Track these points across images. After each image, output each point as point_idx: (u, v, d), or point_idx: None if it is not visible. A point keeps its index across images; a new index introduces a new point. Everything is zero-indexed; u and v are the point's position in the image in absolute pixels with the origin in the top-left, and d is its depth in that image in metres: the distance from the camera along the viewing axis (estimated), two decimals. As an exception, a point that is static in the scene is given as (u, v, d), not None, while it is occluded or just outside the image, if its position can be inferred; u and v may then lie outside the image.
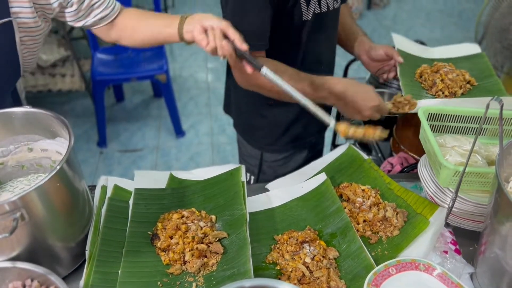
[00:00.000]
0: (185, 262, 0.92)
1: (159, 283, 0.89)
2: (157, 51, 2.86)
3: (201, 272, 0.91)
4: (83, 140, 2.89)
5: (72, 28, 3.05)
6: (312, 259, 0.93)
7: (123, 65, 2.74)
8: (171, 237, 0.96)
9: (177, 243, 0.94)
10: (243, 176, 1.09)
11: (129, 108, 3.22)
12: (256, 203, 1.10)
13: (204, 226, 0.98)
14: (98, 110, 2.73)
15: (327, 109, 1.38)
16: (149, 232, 0.99)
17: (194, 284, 0.88)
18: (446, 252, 0.96)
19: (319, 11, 1.16)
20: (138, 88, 3.38)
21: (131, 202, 1.04)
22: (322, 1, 1.15)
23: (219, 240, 0.97)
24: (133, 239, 0.96)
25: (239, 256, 0.91)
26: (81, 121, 3.03)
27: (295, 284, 0.88)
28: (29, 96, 2.87)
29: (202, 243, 0.95)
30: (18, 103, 1.20)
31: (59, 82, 2.89)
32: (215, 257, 0.93)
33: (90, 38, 2.74)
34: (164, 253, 0.94)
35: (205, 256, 0.93)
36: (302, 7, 1.12)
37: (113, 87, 3.19)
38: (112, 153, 2.82)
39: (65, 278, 0.89)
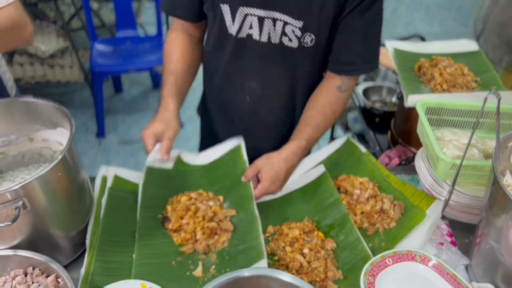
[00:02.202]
0: (196, 241, 0.95)
1: (173, 262, 0.91)
2: (156, 43, 2.85)
3: (213, 249, 0.93)
4: (81, 131, 2.89)
5: (71, 18, 3.04)
6: (310, 250, 0.95)
7: (122, 56, 2.73)
8: (181, 218, 0.98)
9: (188, 223, 0.96)
10: (244, 155, 1.11)
11: (127, 100, 3.21)
12: (255, 194, 1.11)
13: (213, 205, 1.00)
14: (97, 101, 2.72)
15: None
16: (159, 215, 1.00)
17: (207, 260, 0.90)
18: (442, 244, 0.98)
19: (245, 36, 1.07)
20: (136, 80, 3.37)
21: (140, 182, 1.06)
22: (253, 25, 1.04)
23: (229, 218, 0.99)
24: (144, 223, 0.98)
25: (250, 231, 0.93)
26: (80, 112, 3.03)
27: (293, 274, 0.89)
28: (27, 87, 2.86)
29: (212, 221, 0.97)
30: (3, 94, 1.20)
31: (58, 73, 2.87)
32: (226, 234, 0.95)
33: (89, 29, 2.73)
34: (176, 233, 0.96)
35: (216, 234, 0.95)
36: (226, 19, 1.06)
37: (112, 79, 3.19)
38: (110, 145, 2.82)
39: (65, 267, 0.90)
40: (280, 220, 1.04)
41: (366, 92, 1.79)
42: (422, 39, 1.92)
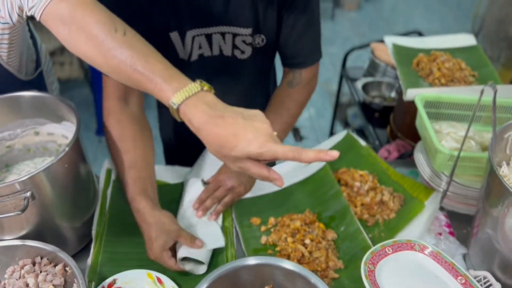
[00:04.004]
0: None
1: None
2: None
3: None
4: (81, 128, 2.87)
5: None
6: (311, 240, 0.97)
7: (123, 54, 2.75)
8: None
9: None
10: None
11: (127, 97, 3.23)
12: (257, 187, 1.13)
13: None
14: (97, 99, 2.74)
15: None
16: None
17: None
18: (440, 234, 1.00)
19: (197, 57, 1.03)
20: (136, 77, 3.39)
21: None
22: (202, 44, 1.01)
23: None
24: None
25: None
26: (80, 110, 2.95)
27: (295, 263, 0.91)
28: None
29: None
30: None
31: (58, 70, 2.89)
32: None
33: (89, 27, 2.74)
34: None
35: None
36: (176, 46, 1.00)
37: (112, 76, 3.20)
38: (111, 142, 2.83)
39: (72, 258, 0.92)
40: (281, 212, 1.06)
41: (365, 87, 1.81)
42: (421, 35, 1.94)
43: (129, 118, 0.98)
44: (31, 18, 0.79)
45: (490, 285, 0.86)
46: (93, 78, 2.72)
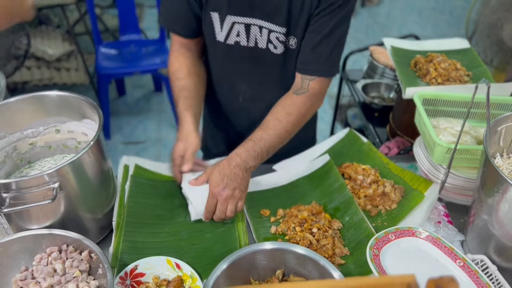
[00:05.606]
0: None
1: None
2: (159, 46, 2.93)
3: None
4: (86, 133, 2.96)
5: (75, 23, 3.12)
6: (318, 229, 1.02)
7: (127, 60, 2.81)
8: None
9: None
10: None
11: (130, 102, 3.29)
12: (265, 182, 1.19)
13: None
14: (102, 103, 2.79)
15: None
16: None
17: None
18: (439, 222, 1.06)
19: (233, 43, 1.13)
20: (139, 83, 3.45)
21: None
22: (240, 33, 1.10)
23: None
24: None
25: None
26: (84, 115, 3.09)
27: (304, 250, 0.97)
28: (35, 89, 2.93)
29: None
30: None
31: (64, 76, 2.95)
32: None
33: (94, 33, 2.81)
34: None
35: None
36: (215, 26, 1.11)
37: (115, 82, 3.26)
38: (116, 145, 2.89)
39: (93, 247, 0.97)
40: (289, 204, 1.12)
41: (365, 88, 1.88)
42: (417, 38, 2.02)
43: (187, 58, 1.19)
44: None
45: (487, 267, 0.93)
46: (99, 83, 2.78)
